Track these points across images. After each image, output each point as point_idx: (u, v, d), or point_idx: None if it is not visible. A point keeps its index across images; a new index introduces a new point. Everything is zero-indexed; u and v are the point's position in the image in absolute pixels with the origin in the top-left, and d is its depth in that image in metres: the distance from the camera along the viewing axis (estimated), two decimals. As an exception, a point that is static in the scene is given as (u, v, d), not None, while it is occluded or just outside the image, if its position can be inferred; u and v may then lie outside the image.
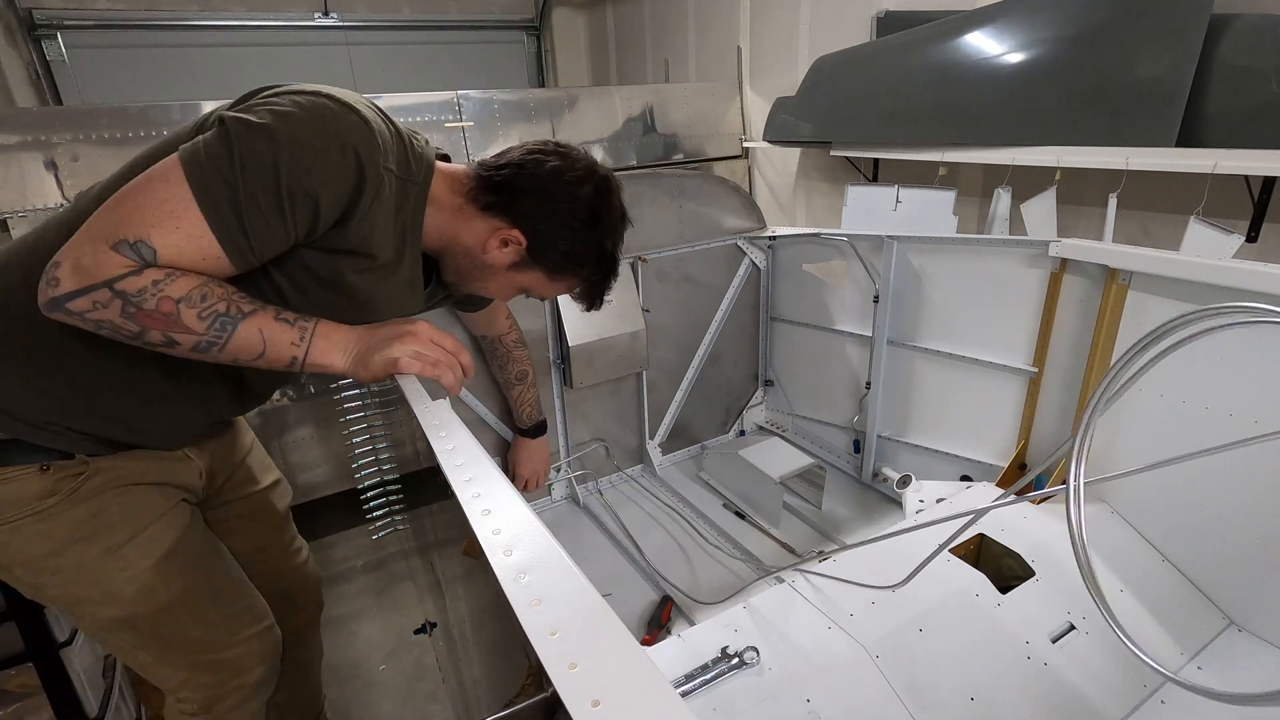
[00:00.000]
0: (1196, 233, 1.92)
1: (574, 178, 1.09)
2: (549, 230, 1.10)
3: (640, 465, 2.70)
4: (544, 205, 1.09)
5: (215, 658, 1.23)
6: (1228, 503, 1.48)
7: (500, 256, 1.12)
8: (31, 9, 3.80)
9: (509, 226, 1.09)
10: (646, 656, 0.51)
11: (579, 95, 3.46)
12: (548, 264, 1.14)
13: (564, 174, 1.09)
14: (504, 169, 1.09)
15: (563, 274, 1.16)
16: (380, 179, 0.96)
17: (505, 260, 1.12)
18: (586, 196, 1.09)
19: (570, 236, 1.11)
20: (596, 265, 1.16)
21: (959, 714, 1.26)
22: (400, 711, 2.04)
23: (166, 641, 1.19)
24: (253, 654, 1.28)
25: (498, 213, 1.09)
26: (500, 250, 1.11)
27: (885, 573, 1.42)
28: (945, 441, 2.23)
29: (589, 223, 1.11)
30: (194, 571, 1.20)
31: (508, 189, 1.08)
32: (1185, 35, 1.95)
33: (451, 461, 0.85)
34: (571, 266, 1.15)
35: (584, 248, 1.12)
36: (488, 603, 1.40)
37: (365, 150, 0.93)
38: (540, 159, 1.09)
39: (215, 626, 1.23)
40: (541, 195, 1.08)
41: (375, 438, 2.23)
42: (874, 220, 2.56)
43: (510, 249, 1.11)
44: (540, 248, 1.11)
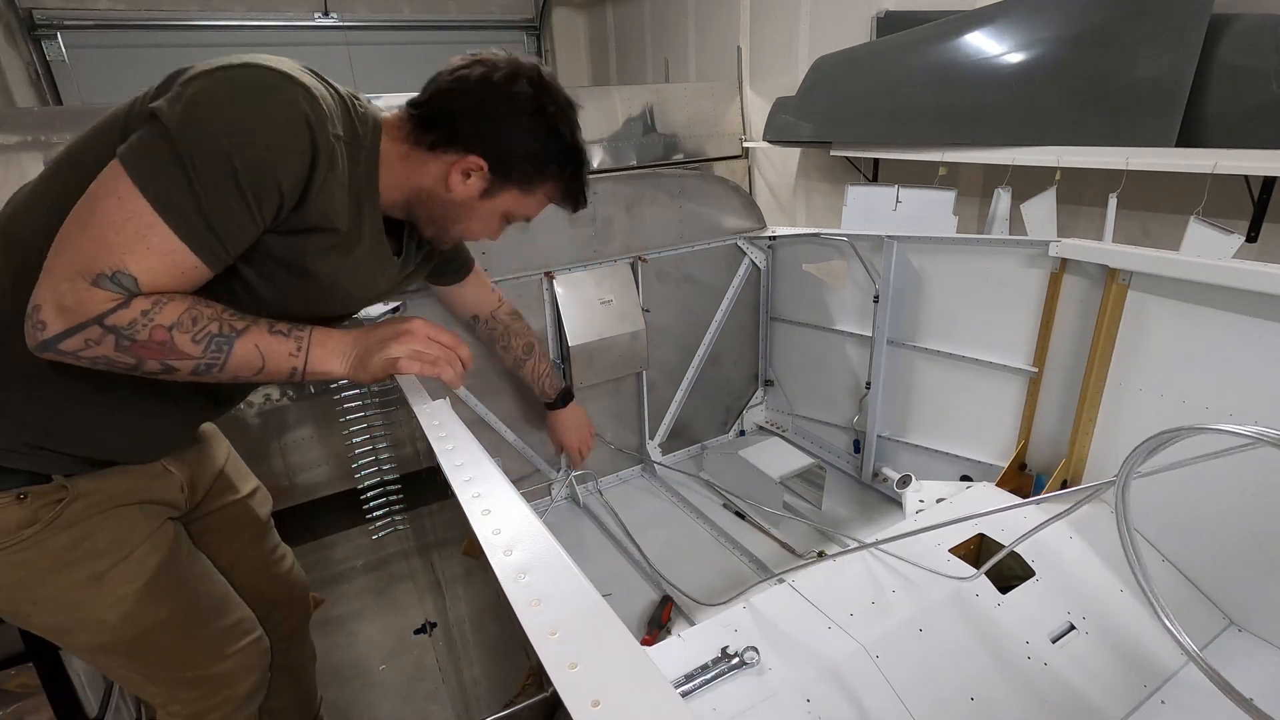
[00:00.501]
0: (1196, 233, 1.92)
1: (504, 78, 1.01)
2: (502, 141, 1.04)
3: (640, 465, 2.70)
4: (487, 118, 1.02)
5: (204, 674, 1.21)
6: (1228, 503, 1.48)
7: (467, 189, 1.06)
8: (31, 9, 3.80)
9: (463, 155, 1.03)
10: (646, 656, 0.51)
11: (579, 95, 3.45)
12: (516, 177, 1.08)
13: (493, 79, 1.01)
14: (433, 100, 1.03)
15: (535, 181, 1.10)
16: (332, 148, 0.90)
17: (474, 191, 1.07)
18: (524, 91, 1.02)
19: (526, 138, 1.05)
20: (564, 159, 1.09)
21: (959, 714, 1.26)
22: (400, 711, 2.04)
23: (153, 663, 1.17)
24: (241, 667, 1.27)
25: (446, 146, 1.03)
26: (465, 183, 1.05)
27: (897, 573, 1.42)
28: (945, 441, 2.23)
29: (537, 116, 1.04)
30: (179, 592, 1.17)
31: (445, 118, 1.02)
32: (1185, 35, 1.95)
33: (451, 461, 0.85)
34: (540, 170, 1.09)
35: (543, 144, 1.06)
36: (488, 603, 1.40)
37: (315, 120, 0.87)
38: (463, 75, 1.02)
39: (203, 644, 1.21)
40: (480, 110, 1.02)
41: (375, 438, 2.23)
42: (874, 220, 2.56)
43: (474, 178, 1.05)
44: (502, 163, 1.05)
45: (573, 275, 2.32)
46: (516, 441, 2.40)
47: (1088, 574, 1.52)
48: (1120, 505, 1.03)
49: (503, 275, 2.21)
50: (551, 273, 2.28)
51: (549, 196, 1.14)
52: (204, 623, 1.21)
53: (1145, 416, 1.65)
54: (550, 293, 2.29)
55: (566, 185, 1.13)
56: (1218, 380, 1.50)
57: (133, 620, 1.10)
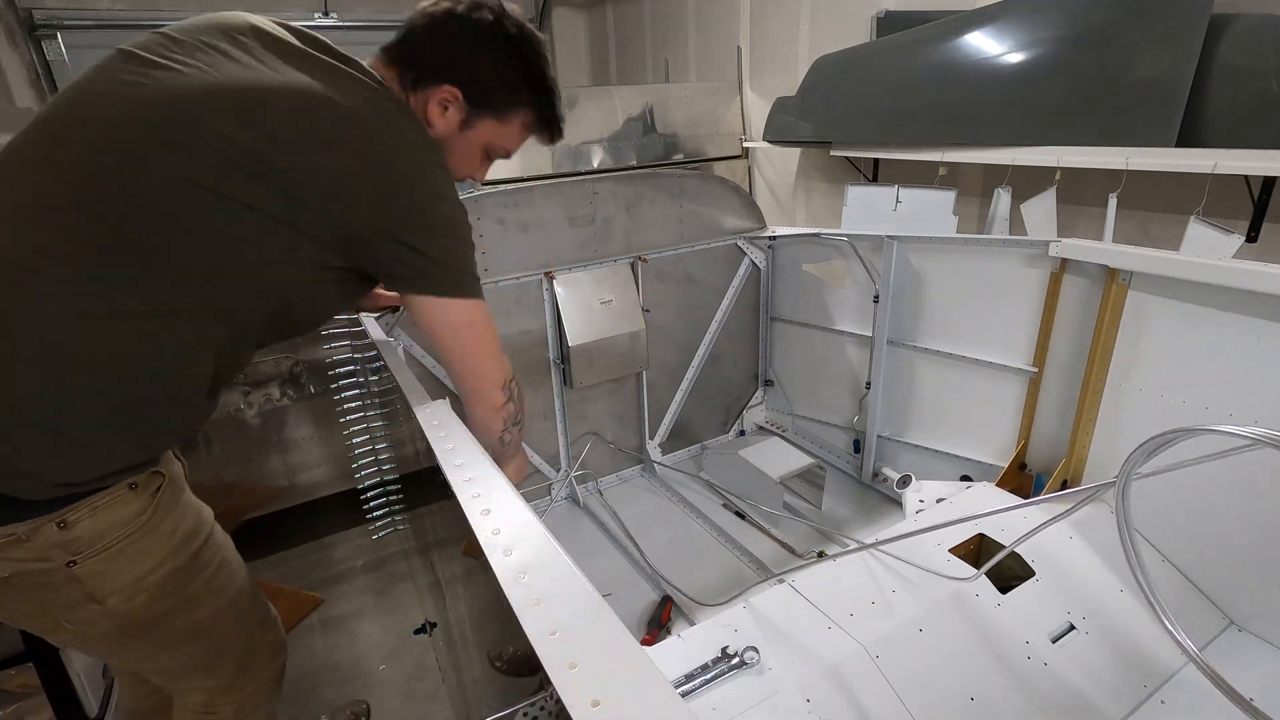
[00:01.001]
0: (1196, 233, 1.92)
1: (466, 8, 1.07)
2: (473, 69, 1.09)
3: (640, 465, 2.70)
4: (456, 49, 1.08)
5: (256, 649, 1.27)
6: (1228, 503, 1.48)
7: (448, 121, 1.11)
8: (31, 9, 3.80)
9: (438, 86, 1.08)
10: (646, 656, 0.51)
11: (579, 95, 3.46)
12: (491, 105, 1.12)
13: (456, 11, 1.07)
14: (405, 37, 1.10)
15: (509, 109, 1.14)
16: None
17: (454, 122, 1.11)
18: (485, 18, 1.07)
19: (494, 62, 1.09)
20: (535, 86, 1.14)
21: (959, 714, 1.26)
22: (400, 711, 2.04)
23: (223, 641, 1.20)
24: (277, 640, 1.34)
25: (424, 81, 1.09)
26: (444, 115, 1.10)
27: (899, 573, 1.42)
28: (945, 441, 2.23)
29: (504, 42, 1.09)
30: (239, 567, 1.24)
31: (418, 52, 1.09)
32: (1185, 35, 1.95)
33: (451, 461, 0.85)
34: (512, 94, 1.13)
35: (513, 71, 1.11)
36: (488, 603, 1.40)
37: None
38: (430, 12, 1.09)
39: (258, 617, 1.28)
40: (448, 40, 1.08)
41: (375, 438, 2.23)
42: (874, 220, 2.56)
43: (451, 109, 1.10)
44: (475, 91, 1.10)
45: (573, 275, 2.32)
46: (516, 441, 2.40)
47: (1088, 574, 1.52)
48: (1120, 506, 1.03)
49: (503, 275, 2.21)
50: (551, 273, 2.28)
51: (525, 126, 1.18)
52: (254, 598, 1.27)
53: (1145, 416, 1.65)
54: (550, 293, 2.29)
55: (539, 112, 1.16)
56: (1218, 380, 1.50)
57: (216, 595, 1.15)
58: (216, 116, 0.90)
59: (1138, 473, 1.01)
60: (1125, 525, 1.03)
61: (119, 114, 0.91)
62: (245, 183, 0.90)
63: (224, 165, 0.89)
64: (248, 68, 0.95)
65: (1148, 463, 1.01)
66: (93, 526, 0.96)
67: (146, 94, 0.91)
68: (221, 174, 0.90)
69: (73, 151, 0.91)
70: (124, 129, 0.90)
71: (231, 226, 0.92)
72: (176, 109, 0.90)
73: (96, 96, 0.94)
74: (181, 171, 0.89)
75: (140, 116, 0.90)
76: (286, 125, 0.92)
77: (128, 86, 0.92)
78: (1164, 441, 0.97)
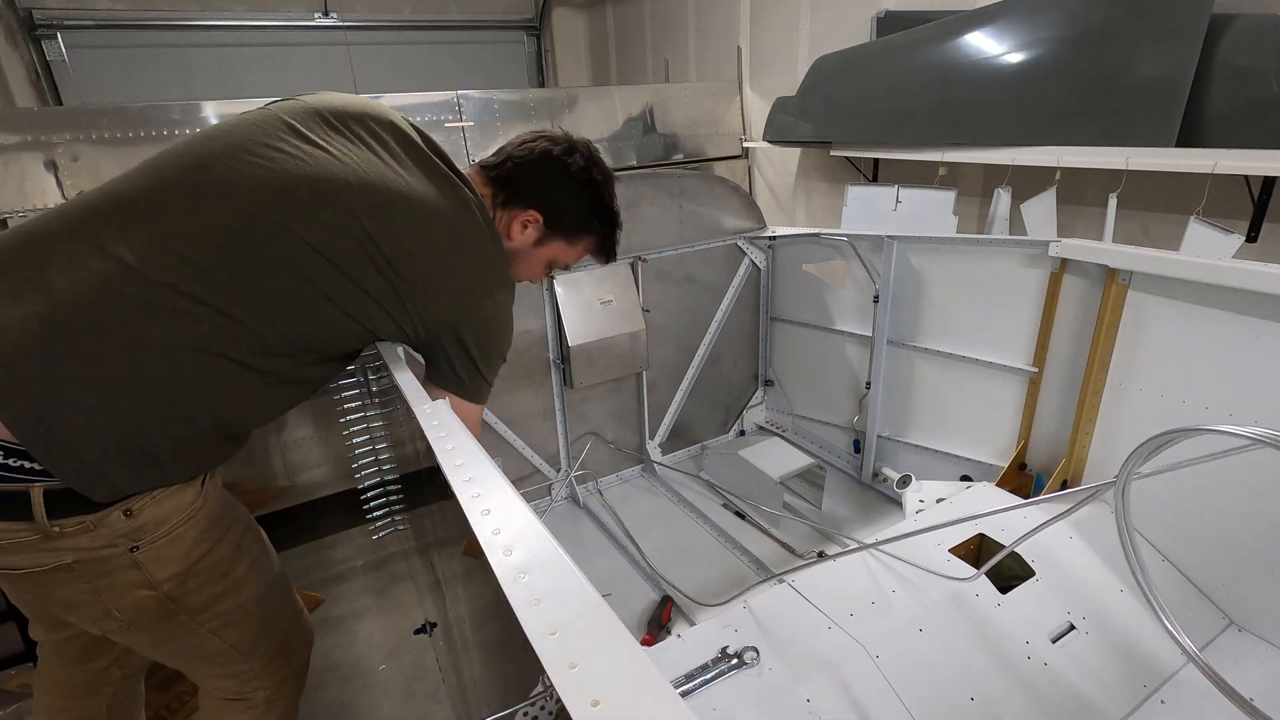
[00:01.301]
0: (1196, 233, 1.92)
1: (562, 152, 1.27)
2: (557, 201, 1.28)
3: (640, 465, 2.70)
4: (547, 182, 1.27)
5: (288, 636, 1.36)
6: (1228, 503, 1.48)
7: (525, 238, 1.29)
8: (31, 9, 3.80)
9: (524, 209, 1.26)
10: (646, 656, 0.51)
11: (579, 95, 3.46)
12: (564, 230, 1.31)
13: (553, 152, 1.26)
14: (504, 164, 1.27)
15: (578, 235, 1.33)
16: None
17: (530, 240, 1.29)
18: (578, 164, 1.27)
19: (576, 200, 1.29)
20: (604, 218, 1.33)
21: (959, 714, 1.26)
22: (400, 711, 2.04)
23: (262, 624, 1.28)
24: (307, 629, 1.44)
25: (514, 203, 1.27)
26: (523, 233, 1.28)
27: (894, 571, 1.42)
28: (945, 441, 2.23)
29: (587, 184, 1.28)
30: (276, 555, 1.36)
31: (515, 180, 1.26)
32: (1185, 35, 1.95)
33: (451, 461, 0.85)
34: (584, 226, 1.32)
35: (589, 205, 1.30)
36: (488, 603, 1.40)
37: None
38: (531, 147, 1.27)
39: (292, 604, 1.39)
40: (542, 176, 1.26)
41: (375, 438, 2.23)
42: (874, 220, 2.56)
43: (531, 229, 1.28)
44: (555, 218, 1.28)
45: (572, 275, 2.32)
46: (516, 441, 2.40)
47: (1088, 574, 1.52)
48: (1120, 506, 1.03)
49: (503, 275, 2.21)
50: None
51: (587, 248, 1.37)
52: (287, 586, 1.39)
53: (1145, 416, 1.65)
54: (550, 293, 2.29)
55: (603, 240, 1.36)
56: (1218, 380, 1.50)
57: (262, 578, 1.27)
58: (363, 211, 1.06)
59: (1137, 473, 1.01)
60: (1125, 526, 1.03)
61: (279, 183, 1.04)
62: (365, 268, 1.07)
63: (355, 251, 1.06)
64: (389, 168, 1.12)
65: (1147, 463, 1.01)
66: (154, 514, 1.05)
67: (307, 171, 1.06)
68: (350, 257, 1.06)
69: (227, 206, 1.02)
70: (281, 196, 1.03)
71: (346, 296, 1.08)
72: (331, 194, 1.05)
73: (256, 160, 1.05)
74: (319, 245, 1.04)
75: (298, 191, 1.04)
76: (410, 233, 1.10)
77: (290, 159, 1.06)
78: (1164, 442, 0.97)
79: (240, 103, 2.59)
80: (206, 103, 2.52)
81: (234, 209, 1.02)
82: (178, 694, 2.09)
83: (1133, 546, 1.03)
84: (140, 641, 1.19)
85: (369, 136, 1.14)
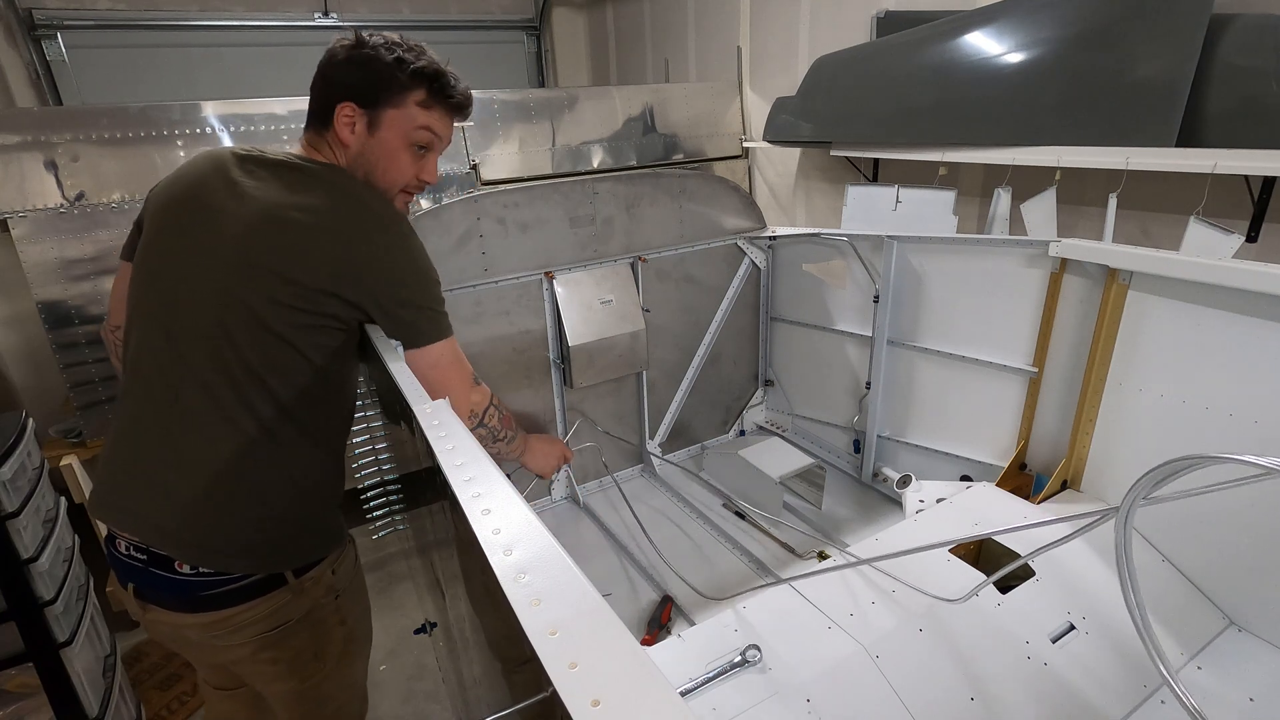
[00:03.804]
0: (1196, 233, 1.92)
1: (327, 53, 1.25)
2: (351, 81, 1.22)
3: (640, 465, 2.70)
4: (333, 77, 1.24)
5: (360, 690, 1.56)
6: (1228, 503, 1.48)
7: (358, 135, 1.24)
8: (31, 9, 3.80)
9: (335, 113, 1.22)
10: (646, 656, 0.51)
11: (579, 95, 3.46)
12: (383, 99, 1.23)
13: (320, 64, 1.25)
14: (309, 105, 1.27)
15: (397, 94, 1.24)
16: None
17: (362, 130, 1.24)
18: (344, 46, 1.24)
19: (365, 68, 1.22)
20: (401, 62, 1.24)
21: (959, 714, 1.26)
22: (400, 711, 2.04)
23: (351, 676, 1.47)
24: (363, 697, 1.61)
25: (325, 119, 1.24)
26: (353, 131, 1.24)
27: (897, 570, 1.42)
28: (945, 441, 2.23)
29: (357, 49, 1.23)
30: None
31: (313, 104, 1.26)
32: (1185, 35, 1.95)
33: (451, 461, 0.85)
34: (393, 81, 1.23)
35: (385, 65, 1.22)
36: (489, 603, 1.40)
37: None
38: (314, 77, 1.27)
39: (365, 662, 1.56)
40: (326, 78, 1.24)
41: (375, 438, 2.23)
42: (874, 220, 2.56)
43: (353, 120, 1.23)
44: (360, 93, 1.22)
45: (573, 275, 2.32)
46: (516, 441, 2.39)
47: (1088, 574, 1.52)
48: (1121, 535, 1.00)
49: (503, 275, 2.21)
50: (551, 273, 2.28)
51: (423, 103, 1.26)
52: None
53: (1145, 417, 1.65)
54: (550, 293, 2.29)
55: (427, 85, 1.26)
56: (1217, 380, 1.50)
57: (364, 627, 1.47)
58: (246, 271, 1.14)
59: (1144, 500, 0.98)
60: (1124, 555, 1.00)
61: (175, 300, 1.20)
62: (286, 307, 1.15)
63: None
64: (237, 216, 1.17)
65: (1155, 489, 0.97)
66: (344, 569, 1.35)
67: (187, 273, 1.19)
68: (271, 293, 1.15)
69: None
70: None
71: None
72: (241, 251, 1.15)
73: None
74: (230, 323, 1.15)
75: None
76: (287, 251, 1.14)
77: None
78: (1174, 470, 0.92)
79: (240, 102, 2.58)
80: (206, 103, 2.51)
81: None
82: (178, 694, 2.09)
83: (1128, 564, 1.01)
84: (324, 675, 1.37)
85: (207, 211, 1.17)
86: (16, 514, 1.57)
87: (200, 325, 1.13)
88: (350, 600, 1.37)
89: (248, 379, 1.13)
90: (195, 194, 1.19)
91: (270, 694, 1.37)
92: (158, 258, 1.20)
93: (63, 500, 1.90)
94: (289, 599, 1.23)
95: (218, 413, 1.13)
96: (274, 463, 1.18)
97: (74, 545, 1.85)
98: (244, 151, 1.23)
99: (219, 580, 1.16)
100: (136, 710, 1.93)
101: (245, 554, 1.17)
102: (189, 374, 1.13)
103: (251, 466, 1.16)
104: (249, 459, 1.15)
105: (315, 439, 1.24)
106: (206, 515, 1.14)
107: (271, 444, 1.17)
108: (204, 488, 1.13)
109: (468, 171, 3.07)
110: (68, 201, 2.33)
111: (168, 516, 1.14)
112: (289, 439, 1.19)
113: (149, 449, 1.15)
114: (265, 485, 1.18)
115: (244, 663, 1.27)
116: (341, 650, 1.37)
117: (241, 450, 1.14)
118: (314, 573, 1.26)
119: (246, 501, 1.16)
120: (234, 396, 1.13)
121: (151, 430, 1.15)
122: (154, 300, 1.18)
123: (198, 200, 1.18)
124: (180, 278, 1.16)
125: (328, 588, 1.29)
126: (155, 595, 1.18)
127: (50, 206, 2.31)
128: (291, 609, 1.24)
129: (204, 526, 1.14)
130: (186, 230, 1.17)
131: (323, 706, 1.40)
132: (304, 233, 1.14)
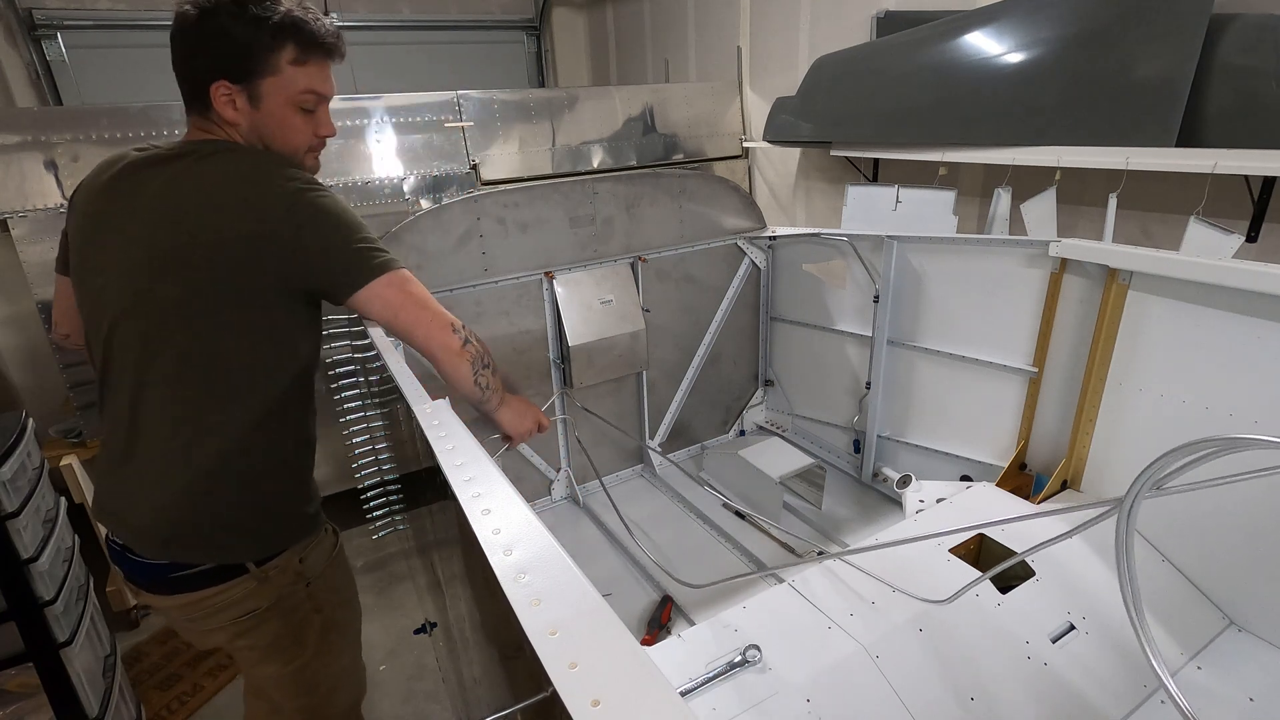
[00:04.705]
0: (1196, 233, 1.92)
1: (179, 17, 1.15)
2: (214, 55, 1.14)
3: (640, 465, 2.70)
4: (191, 53, 1.15)
5: (360, 688, 1.61)
6: (1228, 503, 1.48)
7: (240, 110, 1.16)
8: (31, 9, 3.80)
9: (210, 93, 1.14)
10: (646, 656, 0.51)
11: (579, 95, 3.46)
12: (255, 69, 1.14)
13: (174, 24, 1.15)
14: (182, 90, 1.20)
15: (267, 60, 1.15)
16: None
17: (244, 104, 1.16)
18: (191, 17, 1.13)
19: (222, 38, 1.13)
20: (258, 18, 1.13)
21: (959, 714, 1.26)
22: (400, 711, 2.04)
23: (347, 664, 1.50)
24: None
25: (201, 99, 1.16)
26: (235, 108, 1.16)
27: (896, 569, 1.42)
28: (945, 441, 2.23)
29: (209, 19, 1.12)
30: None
31: (183, 87, 1.19)
32: (1185, 35, 1.95)
33: (451, 461, 0.85)
34: (255, 43, 1.13)
35: (241, 30, 1.12)
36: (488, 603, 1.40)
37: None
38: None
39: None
40: (183, 60, 1.16)
41: (375, 438, 2.23)
42: (874, 220, 2.56)
43: (231, 97, 1.15)
44: (231, 70, 1.13)
45: (573, 275, 2.32)
46: (516, 441, 2.40)
47: (1088, 574, 1.52)
48: (1123, 531, 1.00)
49: (503, 275, 2.21)
50: (551, 273, 2.28)
51: (296, 60, 1.17)
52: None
53: (1145, 416, 1.65)
54: (550, 293, 2.29)
55: (293, 38, 1.15)
56: (1218, 380, 1.50)
57: (346, 615, 1.47)
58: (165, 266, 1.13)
59: (1148, 493, 0.97)
60: (1124, 553, 0.99)
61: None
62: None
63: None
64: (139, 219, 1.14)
65: (1161, 479, 0.97)
66: (314, 558, 1.34)
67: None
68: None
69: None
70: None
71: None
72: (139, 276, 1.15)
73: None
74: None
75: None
76: (196, 240, 1.11)
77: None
78: (1177, 463, 0.91)
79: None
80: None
81: None
82: (178, 694, 2.09)
83: (1128, 565, 1.01)
84: (302, 661, 1.38)
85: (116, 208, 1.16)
86: (16, 514, 1.57)
87: (134, 329, 1.13)
88: (325, 588, 1.37)
89: (190, 374, 1.13)
90: (98, 204, 1.19)
91: (258, 678, 1.40)
92: (81, 270, 1.20)
93: (62, 500, 1.90)
94: (254, 586, 1.24)
95: (164, 412, 1.14)
96: (222, 455, 1.17)
97: (74, 545, 1.85)
98: (138, 151, 1.20)
99: (183, 564, 1.20)
100: (136, 710, 1.93)
101: (202, 546, 1.20)
102: (137, 380, 1.13)
103: (201, 460, 1.16)
104: (198, 453, 1.15)
105: (267, 428, 1.21)
106: (169, 512, 1.16)
107: (218, 437, 1.16)
108: (158, 484, 1.16)
109: (468, 171, 3.07)
110: (68, 202, 2.33)
111: (137, 514, 1.18)
112: (236, 431, 1.17)
113: (115, 451, 1.19)
114: (214, 478, 1.17)
115: (229, 648, 1.33)
116: (320, 637, 1.38)
117: (188, 445, 1.15)
118: (278, 561, 1.26)
119: (203, 498, 1.18)
120: (174, 395, 1.13)
121: (117, 433, 1.18)
122: (89, 312, 1.19)
123: (101, 210, 1.18)
124: (101, 287, 1.15)
125: (295, 575, 1.30)
126: (136, 579, 1.24)
127: (50, 206, 2.31)
128: (259, 596, 1.25)
129: (167, 523, 1.17)
130: (93, 239, 1.18)
131: (313, 692, 1.41)
132: (208, 215, 1.10)
